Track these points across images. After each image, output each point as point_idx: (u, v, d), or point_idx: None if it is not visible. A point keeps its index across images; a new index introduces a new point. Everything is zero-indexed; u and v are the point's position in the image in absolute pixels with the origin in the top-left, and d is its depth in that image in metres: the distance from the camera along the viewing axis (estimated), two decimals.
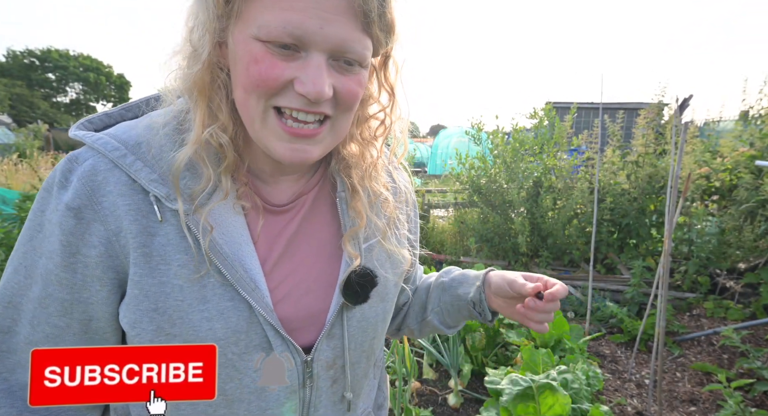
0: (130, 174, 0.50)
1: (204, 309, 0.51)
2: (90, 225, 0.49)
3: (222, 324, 0.51)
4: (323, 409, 0.61)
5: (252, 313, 0.53)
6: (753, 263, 3.40)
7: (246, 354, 0.53)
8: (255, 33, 0.47)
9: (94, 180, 0.49)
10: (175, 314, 0.50)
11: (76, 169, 0.50)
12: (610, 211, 3.96)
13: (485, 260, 4.31)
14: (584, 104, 9.17)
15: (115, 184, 0.50)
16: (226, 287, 0.52)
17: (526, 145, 4.32)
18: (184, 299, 0.50)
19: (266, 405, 0.56)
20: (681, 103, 4.20)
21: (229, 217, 0.54)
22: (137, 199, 0.50)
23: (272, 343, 0.54)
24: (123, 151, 0.50)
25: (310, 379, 0.58)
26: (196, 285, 0.51)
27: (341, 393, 0.63)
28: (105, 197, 0.49)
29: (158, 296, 0.50)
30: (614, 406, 2.33)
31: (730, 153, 3.80)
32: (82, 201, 0.49)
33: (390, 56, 0.59)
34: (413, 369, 2.33)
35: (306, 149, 0.52)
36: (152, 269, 0.50)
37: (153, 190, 0.50)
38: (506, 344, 2.70)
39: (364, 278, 0.59)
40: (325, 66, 0.48)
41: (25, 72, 40.21)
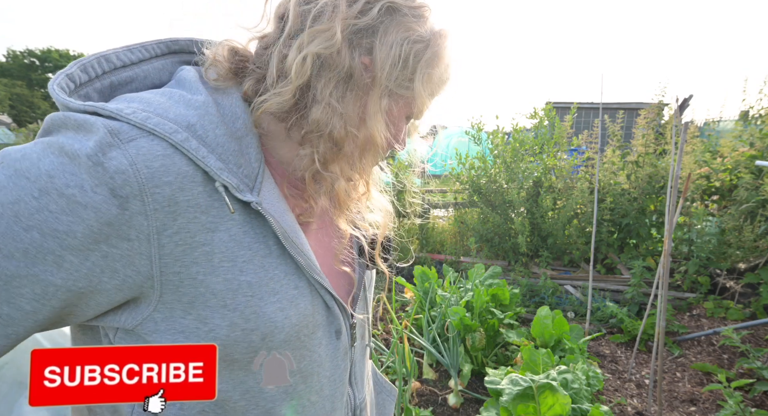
0: (196, 161, 0.44)
1: (275, 300, 0.51)
2: (133, 217, 0.42)
3: (295, 311, 0.53)
4: (359, 364, 0.70)
5: (313, 296, 0.56)
6: (753, 263, 3.40)
7: (313, 334, 0.57)
8: (408, 113, 0.58)
9: (150, 166, 0.42)
10: (248, 309, 0.49)
11: (120, 146, 0.41)
12: (610, 211, 3.96)
13: (485, 260, 4.31)
14: (584, 104, 9.16)
15: (176, 174, 0.43)
16: (290, 276, 0.53)
17: (526, 145, 4.32)
18: (254, 294, 0.50)
19: (331, 375, 0.61)
20: (681, 103, 4.20)
21: (283, 208, 0.55)
22: (196, 193, 0.45)
23: (335, 315, 0.59)
24: (184, 134, 0.44)
25: (354, 340, 0.65)
26: (264, 279, 0.51)
27: (365, 344, 0.72)
28: (160, 188, 0.42)
29: (225, 294, 0.48)
30: (614, 406, 2.33)
31: (730, 153, 3.80)
32: (132, 189, 0.41)
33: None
34: (413, 369, 2.33)
35: None
36: (215, 267, 0.47)
37: (224, 180, 0.45)
38: (506, 344, 2.71)
39: (390, 242, 0.70)
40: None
41: (25, 72, 40.20)
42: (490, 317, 2.58)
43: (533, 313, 3.03)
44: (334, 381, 0.62)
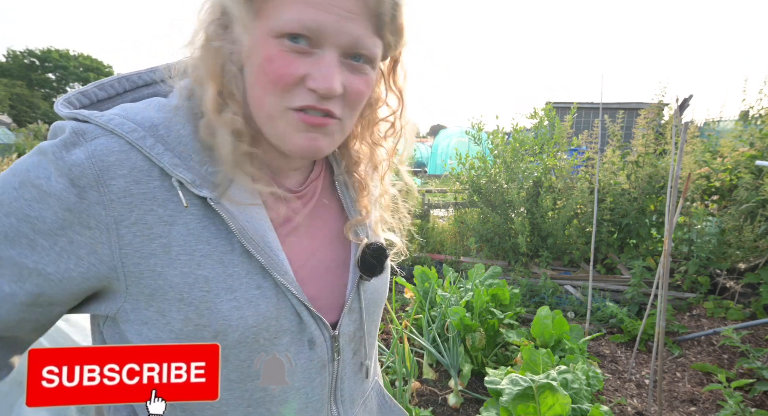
0: (151, 157, 0.48)
1: (232, 298, 0.51)
2: (91, 207, 0.46)
3: (252, 312, 0.52)
4: (348, 381, 0.65)
5: (280, 298, 0.54)
6: (753, 263, 3.40)
7: (276, 339, 0.55)
8: (272, 27, 0.47)
9: (104, 160, 0.46)
10: (202, 305, 0.50)
11: (83, 144, 0.47)
12: (610, 211, 3.96)
13: (485, 260, 4.31)
14: (584, 104, 9.17)
15: (130, 168, 0.47)
16: (252, 275, 0.53)
17: (526, 145, 4.32)
18: (210, 290, 0.50)
19: (299, 385, 0.59)
20: (681, 103, 4.20)
21: (252, 209, 0.55)
22: (152, 187, 0.48)
23: (305, 323, 0.56)
24: (141, 132, 0.48)
25: (337, 353, 0.62)
26: (221, 276, 0.51)
27: (360, 362, 0.67)
28: (114, 181, 0.46)
29: (182, 287, 0.49)
30: (614, 406, 2.33)
31: (730, 153, 3.80)
32: (88, 180, 0.46)
33: (399, 61, 0.61)
34: (413, 369, 2.33)
35: (318, 138, 0.53)
36: (173, 260, 0.49)
37: (177, 175, 0.48)
38: (506, 344, 2.70)
39: (378, 252, 0.64)
40: (337, 63, 0.49)
41: (25, 72, 40.21)
42: (490, 317, 2.58)
43: (533, 313, 3.03)
44: (306, 394, 0.59)
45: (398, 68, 0.61)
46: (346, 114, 0.54)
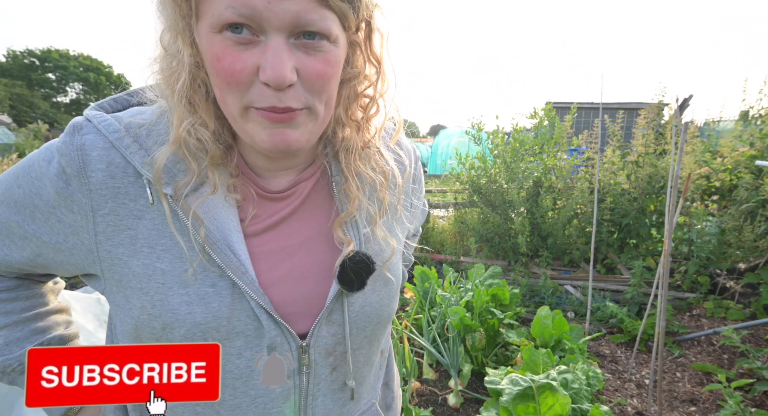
0: (125, 156, 0.52)
1: (184, 293, 0.52)
2: (75, 193, 0.52)
3: (202, 309, 0.52)
4: (322, 398, 0.61)
5: (235, 300, 0.53)
6: (753, 263, 3.40)
7: (227, 340, 0.54)
8: (211, 23, 0.46)
9: (88, 154, 0.51)
10: (156, 296, 0.52)
11: (76, 137, 0.52)
12: (610, 211, 3.96)
13: (485, 260, 4.31)
14: (584, 104, 9.17)
15: (108, 164, 0.52)
16: (209, 273, 0.53)
17: (526, 145, 4.31)
18: (165, 282, 0.52)
19: (255, 393, 0.57)
20: (681, 103, 4.20)
21: (220, 210, 0.55)
22: (126, 183, 0.52)
23: (265, 328, 0.54)
24: (121, 133, 0.53)
25: (306, 366, 0.58)
26: (178, 270, 0.52)
27: (342, 380, 0.62)
28: (94, 173, 0.51)
29: (142, 277, 0.52)
30: (614, 406, 2.33)
31: (730, 153, 3.80)
32: (73, 169, 0.51)
33: (373, 28, 0.55)
34: (413, 369, 2.33)
35: (286, 132, 0.50)
36: (137, 251, 0.52)
37: (146, 174, 0.51)
38: (506, 344, 2.70)
39: (359, 265, 0.58)
40: (285, 47, 0.46)
41: (25, 72, 40.17)
42: (490, 317, 2.57)
43: (533, 313, 3.02)
44: (263, 404, 0.57)
45: (373, 36, 0.55)
46: (312, 100, 0.50)
